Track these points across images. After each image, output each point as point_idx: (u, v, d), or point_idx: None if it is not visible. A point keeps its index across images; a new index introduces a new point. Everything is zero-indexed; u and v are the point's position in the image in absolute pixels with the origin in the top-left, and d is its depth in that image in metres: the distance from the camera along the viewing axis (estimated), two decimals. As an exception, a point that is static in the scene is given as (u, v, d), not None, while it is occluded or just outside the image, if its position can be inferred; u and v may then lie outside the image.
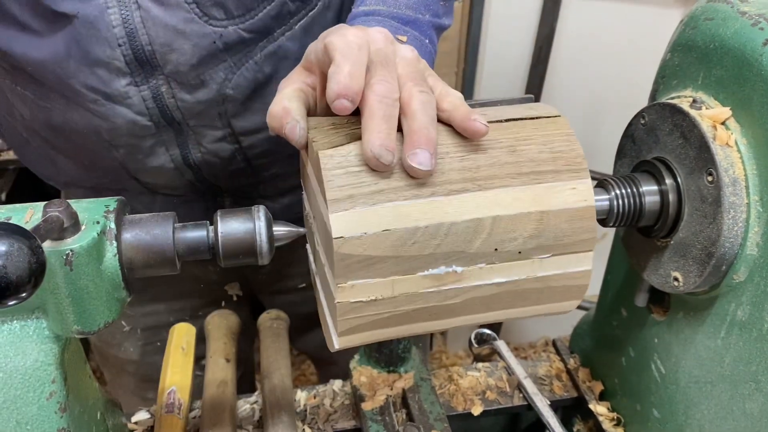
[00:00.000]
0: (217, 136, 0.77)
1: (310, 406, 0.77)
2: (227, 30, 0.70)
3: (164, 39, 0.68)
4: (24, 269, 0.36)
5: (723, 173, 0.51)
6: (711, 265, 0.53)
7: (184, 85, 0.72)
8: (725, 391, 0.57)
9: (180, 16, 0.68)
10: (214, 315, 0.86)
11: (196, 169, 0.80)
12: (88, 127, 0.74)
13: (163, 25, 0.67)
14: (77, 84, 0.70)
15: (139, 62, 0.69)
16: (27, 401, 0.49)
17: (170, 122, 0.74)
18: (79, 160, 0.81)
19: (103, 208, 0.49)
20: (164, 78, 0.71)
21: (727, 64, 0.53)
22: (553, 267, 0.53)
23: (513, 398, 0.79)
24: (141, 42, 0.68)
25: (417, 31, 0.67)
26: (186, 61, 0.70)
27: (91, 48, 0.67)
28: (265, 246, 0.50)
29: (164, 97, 0.72)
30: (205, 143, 0.78)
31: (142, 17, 0.67)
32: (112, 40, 0.67)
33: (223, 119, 0.76)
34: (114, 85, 0.70)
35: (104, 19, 0.66)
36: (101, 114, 0.72)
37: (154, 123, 0.74)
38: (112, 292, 0.49)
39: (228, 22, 0.70)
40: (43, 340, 0.49)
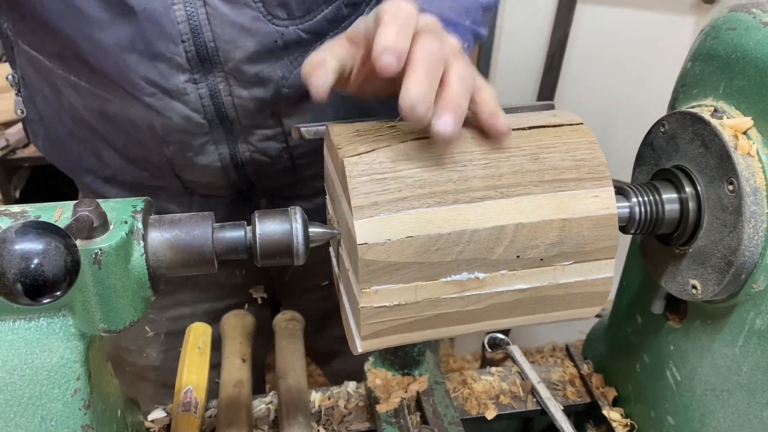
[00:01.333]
0: (267, 134, 0.79)
1: (324, 407, 0.78)
2: (288, 30, 0.73)
3: (229, 36, 0.70)
4: (60, 268, 0.36)
5: (744, 182, 0.52)
6: (730, 273, 0.53)
7: (242, 82, 0.74)
8: (742, 400, 0.57)
9: (247, 14, 0.70)
10: (230, 315, 0.86)
11: (242, 167, 0.82)
12: (143, 121, 0.76)
13: (230, 23, 0.70)
14: (137, 77, 0.72)
15: (200, 59, 0.71)
16: (52, 397, 0.50)
17: (223, 120, 0.76)
18: (127, 153, 0.83)
19: (131, 208, 0.50)
20: (223, 75, 0.73)
21: (749, 74, 0.53)
22: (575, 274, 0.53)
23: (526, 403, 0.79)
24: (204, 39, 0.70)
25: (458, 34, 0.66)
26: (248, 58, 0.72)
27: (153, 42, 0.69)
28: (302, 247, 0.51)
29: (221, 95, 0.74)
30: (255, 141, 0.80)
31: (208, 14, 0.69)
32: (176, 36, 0.69)
33: (276, 118, 0.78)
34: (173, 80, 0.72)
35: (169, 15, 0.68)
36: (157, 108, 0.74)
37: (207, 121, 0.76)
38: (138, 291, 0.50)
39: (289, 22, 0.73)
40: (69, 338, 0.50)
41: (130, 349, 1.03)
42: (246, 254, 0.52)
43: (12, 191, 1.70)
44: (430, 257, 0.50)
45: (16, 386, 0.49)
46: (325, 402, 0.78)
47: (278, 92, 0.76)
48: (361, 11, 0.79)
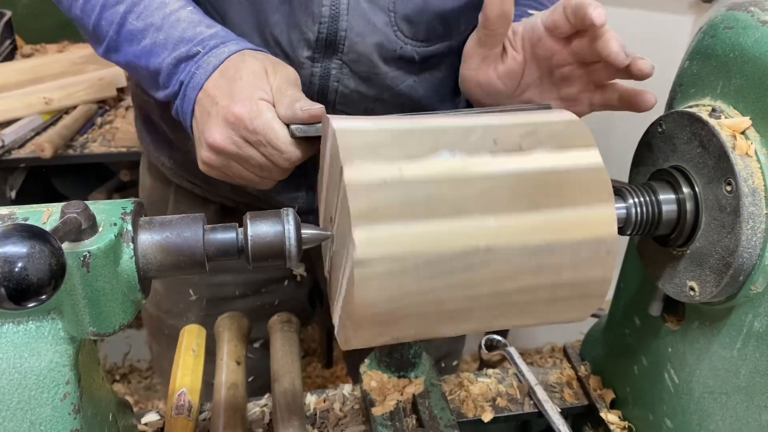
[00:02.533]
0: None
1: (320, 410, 0.77)
2: (406, 46, 0.79)
3: (361, 29, 0.76)
4: (44, 271, 0.36)
5: (742, 183, 0.51)
6: (728, 275, 0.53)
7: (354, 74, 0.79)
8: (741, 403, 0.56)
9: (381, 17, 0.76)
10: (224, 317, 0.86)
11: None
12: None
13: (365, 18, 0.76)
14: (269, 34, 0.77)
15: (327, 42, 0.76)
16: (41, 402, 0.49)
17: (321, 100, 0.79)
18: None
19: (120, 211, 0.49)
20: (339, 62, 0.78)
21: (747, 73, 0.53)
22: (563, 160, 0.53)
23: (523, 405, 0.78)
24: (339, 26, 0.75)
25: None
26: (369, 51, 0.77)
27: (297, 14, 0.75)
28: (294, 249, 0.51)
29: (330, 78, 0.79)
30: None
31: (349, 4, 0.75)
32: (317, 16, 0.75)
33: (367, 113, 0.81)
34: (298, 52, 0.77)
35: None
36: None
37: (309, 97, 0.76)
38: (127, 293, 0.49)
39: (409, 41, 0.79)
40: (58, 342, 0.49)
41: (172, 311, 1.05)
42: (237, 256, 0.51)
43: (8, 192, 1.69)
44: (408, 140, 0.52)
45: (4, 391, 0.48)
46: (320, 405, 0.78)
47: (378, 96, 0.81)
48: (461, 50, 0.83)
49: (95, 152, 1.67)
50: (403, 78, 0.82)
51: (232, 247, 0.50)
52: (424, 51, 0.81)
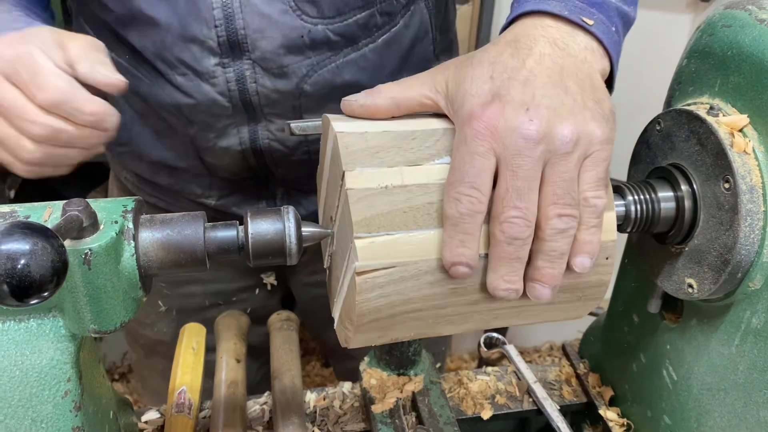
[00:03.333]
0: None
1: (319, 407, 0.77)
2: (316, 28, 0.74)
3: (258, 25, 0.73)
4: (47, 268, 0.36)
5: (740, 180, 0.51)
6: (726, 272, 0.53)
7: (267, 72, 0.76)
8: (739, 399, 0.57)
9: (277, 6, 0.72)
10: (225, 315, 0.86)
11: (260, 154, 0.84)
12: (171, 100, 0.79)
13: (259, 13, 0.72)
14: (171, 56, 0.75)
15: (230, 44, 0.73)
16: (42, 399, 0.49)
17: (246, 106, 0.78)
18: (156, 131, 0.86)
19: (121, 208, 0.49)
20: (251, 62, 0.75)
21: (745, 71, 0.53)
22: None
23: (522, 403, 0.78)
24: (236, 26, 0.72)
25: (604, 15, 0.56)
26: (273, 49, 0.74)
27: (189, 24, 0.72)
28: (294, 247, 0.51)
29: (247, 81, 0.76)
30: (274, 130, 0.82)
31: (240, 2, 0.71)
32: (210, 21, 0.72)
33: (297, 112, 0.80)
34: (204, 62, 0.75)
35: (206, 0, 0.71)
36: (186, 89, 0.77)
37: (232, 104, 0.78)
38: (129, 291, 0.49)
39: (318, 21, 0.74)
40: (59, 339, 0.49)
41: (143, 322, 1.05)
42: (238, 254, 0.51)
43: (6, 191, 1.69)
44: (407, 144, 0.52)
45: (5, 388, 0.48)
46: (320, 402, 0.78)
47: (300, 88, 0.78)
48: (395, 21, 0.81)
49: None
50: (323, 64, 0.77)
51: (232, 245, 0.51)
52: (339, 27, 0.75)
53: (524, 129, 0.46)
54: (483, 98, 0.48)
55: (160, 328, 1.03)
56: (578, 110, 0.48)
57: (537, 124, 0.46)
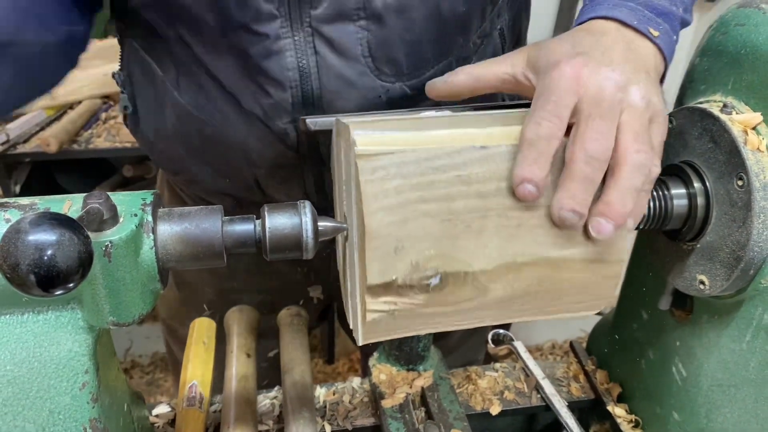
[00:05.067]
0: None
1: (329, 402, 0.78)
2: (394, 86, 0.73)
3: (335, 87, 0.70)
4: (73, 259, 0.36)
5: (753, 178, 0.52)
6: (739, 269, 0.53)
7: None
8: (749, 395, 0.57)
9: (355, 68, 0.70)
10: (234, 310, 0.86)
11: (323, 194, 0.82)
12: (239, 146, 0.77)
13: (337, 74, 0.70)
14: (247, 108, 0.73)
15: (304, 103, 0.71)
16: (60, 391, 0.50)
17: (315, 157, 0.76)
18: (215, 167, 0.83)
19: (140, 201, 0.49)
20: None
21: (758, 69, 0.53)
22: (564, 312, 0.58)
23: (531, 399, 0.79)
24: (312, 86, 0.70)
25: (668, 25, 0.59)
26: (350, 108, 0.72)
27: (264, 85, 0.70)
28: (311, 241, 0.51)
29: (319, 137, 0.73)
30: None
31: (318, 63, 0.69)
32: (285, 83, 0.70)
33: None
34: (276, 121, 0.73)
35: (280, 62, 0.69)
36: (259, 138, 0.75)
37: (301, 156, 0.76)
38: (147, 283, 0.49)
39: (396, 79, 0.72)
40: (77, 331, 0.49)
41: (185, 322, 1.03)
42: (255, 248, 0.52)
43: (12, 186, 1.69)
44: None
45: (24, 379, 0.49)
46: (330, 397, 0.78)
47: None
48: (470, 61, 0.78)
49: (100, 147, 1.67)
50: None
51: (249, 239, 0.51)
52: (417, 83, 0.74)
53: (608, 76, 0.50)
54: (568, 54, 0.52)
55: None
56: (650, 83, 0.52)
57: (619, 74, 0.51)
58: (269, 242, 0.51)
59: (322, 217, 0.54)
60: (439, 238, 0.50)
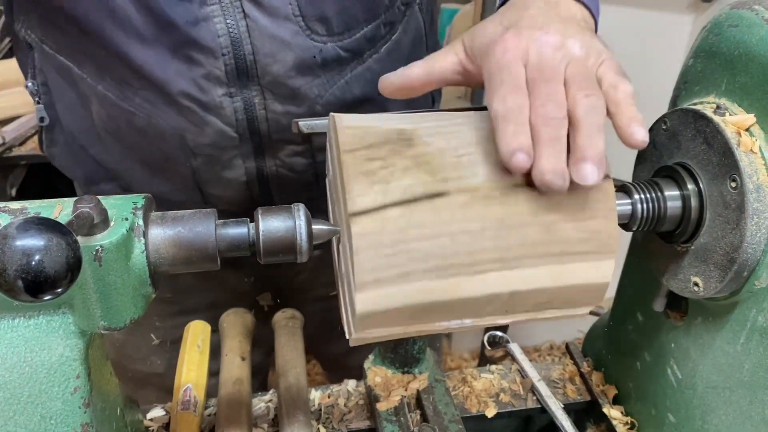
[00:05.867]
0: (295, 150, 0.79)
1: (324, 405, 0.77)
2: (326, 46, 0.73)
3: (269, 49, 0.70)
4: (61, 264, 0.36)
5: (747, 179, 0.52)
6: (733, 270, 0.53)
7: (278, 97, 0.73)
8: (744, 397, 0.57)
9: (288, 27, 0.69)
10: (229, 313, 0.86)
11: (265, 182, 0.81)
12: (173, 133, 0.75)
13: (270, 36, 0.69)
14: (175, 90, 0.71)
15: (238, 72, 0.70)
16: (52, 396, 0.50)
17: (254, 134, 0.76)
18: (151, 164, 0.82)
19: (131, 205, 0.49)
20: (259, 89, 0.72)
21: (752, 70, 0.53)
22: (558, 315, 0.56)
23: (527, 401, 0.79)
24: (244, 51, 0.69)
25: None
26: (286, 72, 0.72)
27: (194, 56, 0.69)
28: (305, 244, 0.51)
29: (255, 109, 0.73)
30: (283, 156, 0.79)
31: (248, 27, 0.68)
32: (217, 50, 0.69)
33: (306, 134, 0.77)
34: (211, 94, 0.71)
35: (210, 28, 0.67)
36: (192, 121, 0.73)
37: (239, 134, 0.75)
38: (138, 288, 0.49)
39: (328, 39, 0.72)
40: (69, 335, 0.49)
41: (134, 357, 1.01)
42: (249, 251, 0.51)
43: (8, 189, 1.69)
44: (424, 317, 0.52)
45: (15, 384, 0.49)
46: (325, 400, 0.78)
47: (312, 109, 0.76)
48: (396, 29, 0.80)
49: (96, 150, 1.66)
50: (332, 82, 0.76)
51: (243, 242, 0.51)
52: (349, 43, 0.75)
53: (543, 38, 0.52)
54: (499, 31, 0.54)
55: (153, 361, 1.01)
56: (584, 33, 0.54)
57: (553, 35, 0.52)
58: (263, 245, 0.51)
59: (316, 220, 0.54)
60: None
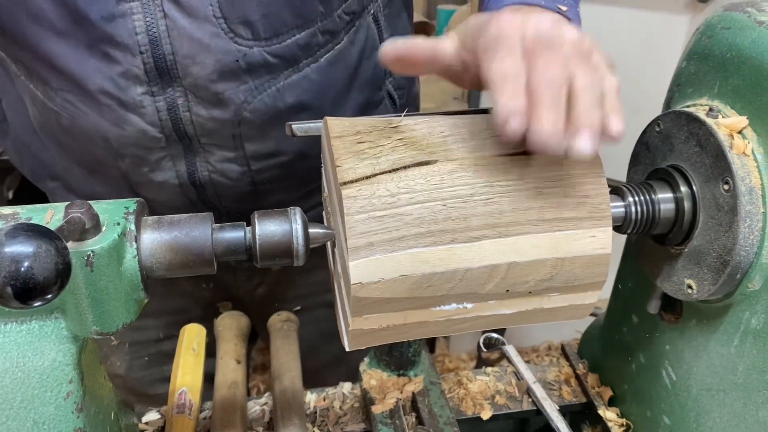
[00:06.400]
0: (227, 156, 0.76)
1: (319, 408, 0.77)
2: (252, 50, 0.70)
3: (188, 50, 0.68)
4: (51, 271, 0.36)
5: (739, 182, 0.52)
6: (726, 273, 0.53)
7: (201, 100, 0.71)
8: (738, 399, 0.57)
9: (206, 29, 0.67)
10: (225, 316, 0.86)
11: (200, 188, 0.79)
12: (96, 133, 0.73)
13: (188, 37, 0.67)
14: (93, 87, 0.69)
15: (158, 71, 0.68)
16: (44, 401, 0.50)
17: (181, 137, 0.73)
18: (84, 165, 0.81)
19: (123, 210, 0.49)
20: (182, 90, 0.70)
21: (744, 73, 0.53)
22: (561, 301, 0.54)
23: (522, 403, 0.79)
24: (164, 51, 0.67)
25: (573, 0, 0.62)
26: (206, 75, 0.69)
27: (111, 52, 0.67)
28: (302, 248, 0.51)
29: (179, 110, 0.71)
30: (214, 162, 0.77)
31: (167, 26, 0.66)
32: (134, 47, 0.67)
33: (237, 141, 0.75)
34: (130, 92, 0.69)
35: (127, 25, 0.66)
36: (113, 120, 0.71)
37: (164, 135, 0.73)
38: (131, 293, 0.49)
39: (254, 43, 0.69)
40: (61, 341, 0.49)
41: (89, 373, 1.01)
42: (246, 255, 0.51)
43: (5, 192, 1.69)
44: (421, 293, 0.50)
45: (7, 390, 0.49)
46: (321, 403, 0.78)
47: (239, 115, 0.73)
48: (339, 39, 0.77)
49: (92, 152, 1.66)
50: (262, 88, 0.72)
51: (240, 246, 0.51)
52: (277, 49, 0.71)
53: (540, 18, 0.50)
54: (490, 16, 0.52)
55: (114, 362, 1.00)
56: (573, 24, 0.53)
57: (547, 20, 0.50)
58: (260, 249, 0.51)
59: (313, 223, 0.54)
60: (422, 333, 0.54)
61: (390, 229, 0.48)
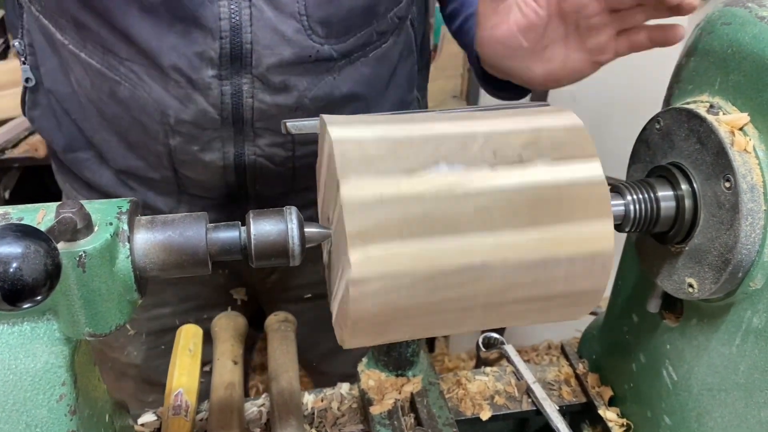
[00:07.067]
0: (277, 141, 0.80)
1: (317, 409, 0.77)
2: (323, 48, 0.74)
3: (269, 41, 0.70)
4: (40, 272, 0.35)
5: (741, 179, 0.51)
6: (727, 272, 0.52)
7: (268, 87, 0.74)
8: (739, 399, 0.56)
9: (290, 24, 0.71)
10: (221, 317, 0.85)
11: (242, 170, 0.81)
12: (155, 107, 0.75)
13: (272, 28, 0.70)
14: (167, 63, 0.71)
15: (232, 57, 0.71)
16: (37, 403, 0.49)
17: (236, 120, 0.76)
18: (128, 137, 0.82)
19: (116, 210, 0.49)
20: (250, 77, 0.73)
21: (745, 69, 0.53)
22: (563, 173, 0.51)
23: (521, 403, 0.78)
24: (242, 39, 0.70)
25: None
26: (278, 65, 0.72)
27: (192, 33, 0.69)
28: (297, 247, 0.50)
29: (243, 95, 0.74)
30: (263, 145, 0.79)
31: (252, 15, 0.69)
32: (216, 32, 0.69)
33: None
34: (201, 73, 0.72)
35: (213, 10, 0.68)
36: (177, 96, 0.74)
37: (221, 118, 0.75)
38: (124, 294, 0.48)
39: (326, 41, 0.74)
40: (54, 342, 0.49)
41: (112, 345, 1.03)
42: (241, 255, 0.51)
43: (1, 192, 1.68)
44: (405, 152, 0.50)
45: (-1, 392, 0.48)
46: (318, 404, 0.77)
47: (300, 102, 0.76)
48: (386, 39, 0.81)
49: (89, 152, 1.65)
50: (322, 77, 0.77)
51: (235, 246, 0.50)
52: (342, 47, 0.77)
53: None
54: None
55: (130, 351, 1.01)
56: None
57: None
58: (255, 249, 0.50)
59: (309, 223, 0.53)
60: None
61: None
